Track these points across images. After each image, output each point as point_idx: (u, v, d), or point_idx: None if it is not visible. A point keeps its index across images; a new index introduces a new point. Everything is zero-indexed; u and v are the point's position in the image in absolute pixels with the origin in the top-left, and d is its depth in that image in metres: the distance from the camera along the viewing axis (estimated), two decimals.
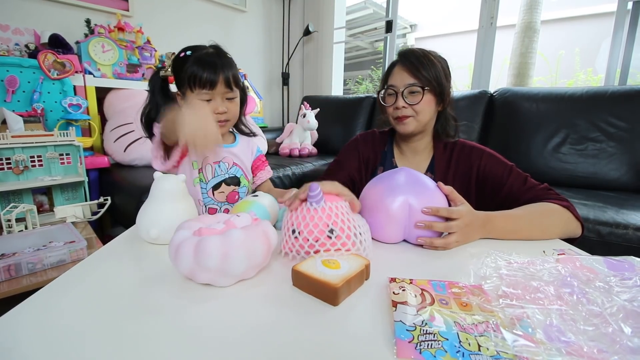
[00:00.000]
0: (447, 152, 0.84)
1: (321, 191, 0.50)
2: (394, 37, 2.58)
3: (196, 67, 0.70)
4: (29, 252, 0.95)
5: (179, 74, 0.73)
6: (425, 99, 0.77)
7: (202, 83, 0.70)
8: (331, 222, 0.49)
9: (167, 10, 2.26)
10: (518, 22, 4.24)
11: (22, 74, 1.48)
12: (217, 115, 0.74)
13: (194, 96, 0.72)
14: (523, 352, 0.29)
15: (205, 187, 0.80)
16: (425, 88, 0.77)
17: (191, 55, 0.71)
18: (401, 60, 0.80)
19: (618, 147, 1.43)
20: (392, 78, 0.81)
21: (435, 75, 0.77)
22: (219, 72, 0.71)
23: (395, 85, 0.79)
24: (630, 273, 0.40)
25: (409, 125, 0.80)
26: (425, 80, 0.77)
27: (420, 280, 0.42)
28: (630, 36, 1.76)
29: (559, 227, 0.65)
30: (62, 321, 0.36)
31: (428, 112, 0.79)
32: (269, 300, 0.40)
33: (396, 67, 0.81)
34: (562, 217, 0.67)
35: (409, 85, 0.77)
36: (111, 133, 1.72)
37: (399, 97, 0.78)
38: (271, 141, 2.42)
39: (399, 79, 0.79)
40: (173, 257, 0.42)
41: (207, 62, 0.71)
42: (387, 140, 0.93)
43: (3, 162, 1.30)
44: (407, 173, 0.59)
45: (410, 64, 0.78)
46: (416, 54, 0.79)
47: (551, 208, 0.67)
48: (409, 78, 0.78)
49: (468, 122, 1.80)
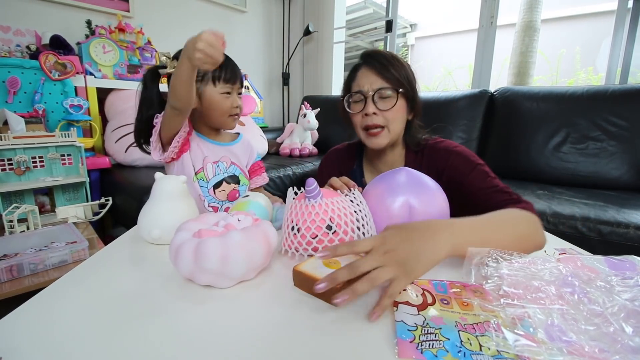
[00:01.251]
0: (418, 158, 0.77)
1: (317, 186, 0.50)
2: (394, 37, 2.58)
3: (220, 65, 0.73)
4: (31, 253, 0.96)
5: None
6: (398, 105, 0.69)
7: (226, 78, 0.78)
8: (328, 217, 0.49)
9: (168, 10, 2.26)
10: (518, 21, 4.24)
11: (24, 75, 1.49)
12: (234, 109, 0.81)
13: (215, 90, 0.78)
14: (524, 351, 0.29)
15: (207, 186, 0.81)
16: (400, 90, 0.69)
17: None
18: (367, 62, 0.71)
19: (619, 146, 1.43)
20: (357, 82, 0.72)
21: (406, 77, 0.70)
22: (237, 70, 0.80)
23: (363, 90, 0.70)
24: (632, 272, 0.40)
25: (382, 139, 0.71)
26: (397, 82, 0.69)
27: (422, 280, 0.42)
28: (630, 35, 1.76)
29: (522, 236, 0.52)
30: (64, 322, 0.36)
31: (400, 122, 0.72)
32: (269, 301, 0.41)
33: (362, 70, 0.72)
34: (527, 228, 0.54)
35: (380, 89, 0.69)
36: (112, 134, 1.72)
37: (369, 103, 0.69)
38: (271, 141, 2.42)
39: (366, 82, 0.70)
40: (173, 259, 0.42)
41: (227, 61, 0.78)
42: (354, 155, 0.85)
43: (5, 163, 1.30)
44: (408, 173, 0.59)
45: (379, 64, 0.69)
46: (383, 54, 0.71)
47: (519, 217, 0.55)
48: (378, 80, 0.69)
49: (468, 121, 1.80)
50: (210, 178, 0.82)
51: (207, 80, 0.77)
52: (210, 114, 0.80)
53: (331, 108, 2.48)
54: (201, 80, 0.77)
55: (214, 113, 0.80)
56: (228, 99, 0.79)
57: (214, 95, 0.78)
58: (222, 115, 0.80)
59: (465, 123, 1.80)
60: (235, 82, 0.80)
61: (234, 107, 0.80)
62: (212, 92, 0.78)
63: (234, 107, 0.80)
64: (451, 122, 1.81)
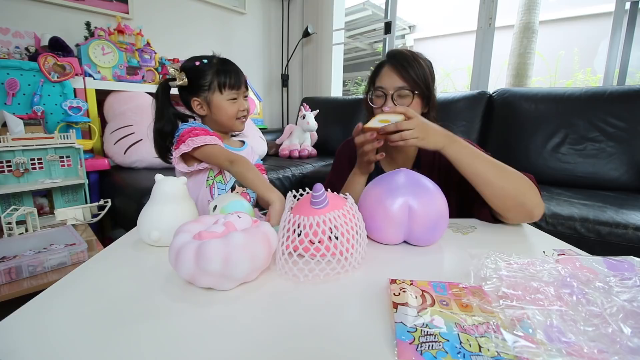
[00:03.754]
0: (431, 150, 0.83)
1: (325, 192, 0.50)
2: (392, 39, 2.59)
3: (224, 73, 0.81)
4: (30, 255, 0.95)
5: (199, 80, 0.81)
6: (413, 104, 0.77)
7: (231, 84, 0.82)
8: (333, 226, 0.48)
9: (167, 12, 2.27)
10: (516, 23, 4.26)
11: (23, 76, 1.49)
12: (242, 112, 0.85)
13: (222, 97, 0.82)
14: (523, 352, 0.29)
15: (225, 188, 0.85)
16: (415, 92, 0.76)
17: (211, 63, 0.81)
18: (390, 61, 0.79)
19: (617, 146, 1.43)
20: (380, 79, 0.80)
21: (424, 79, 0.77)
22: (241, 75, 0.84)
23: (385, 87, 0.78)
24: (630, 273, 0.40)
25: None
26: (415, 84, 0.76)
27: (421, 282, 0.42)
28: (628, 36, 1.77)
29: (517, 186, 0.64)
30: (63, 325, 0.36)
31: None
32: (271, 302, 0.41)
33: (385, 68, 0.80)
34: (524, 184, 0.65)
35: (399, 89, 0.76)
36: (111, 135, 1.72)
37: (388, 100, 0.77)
38: (271, 143, 2.42)
39: (388, 81, 0.78)
40: (173, 261, 0.42)
41: (230, 67, 0.83)
42: None
43: (3, 165, 1.30)
44: (407, 174, 0.59)
45: (400, 66, 0.77)
46: (405, 55, 0.78)
47: (516, 172, 0.66)
48: (398, 80, 0.77)
49: (467, 122, 1.80)
50: (227, 181, 0.86)
51: (214, 88, 0.81)
52: (220, 119, 0.85)
53: (330, 109, 2.49)
54: (208, 89, 0.81)
55: (222, 118, 0.84)
56: (235, 104, 0.83)
57: (222, 102, 0.82)
58: (230, 120, 0.84)
59: (464, 124, 1.81)
60: (240, 87, 0.83)
61: (241, 111, 0.85)
62: (220, 99, 0.82)
63: (241, 110, 0.85)
64: (450, 123, 1.80)
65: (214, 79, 0.81)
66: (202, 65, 0.81)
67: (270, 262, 0.48)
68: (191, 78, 0.81)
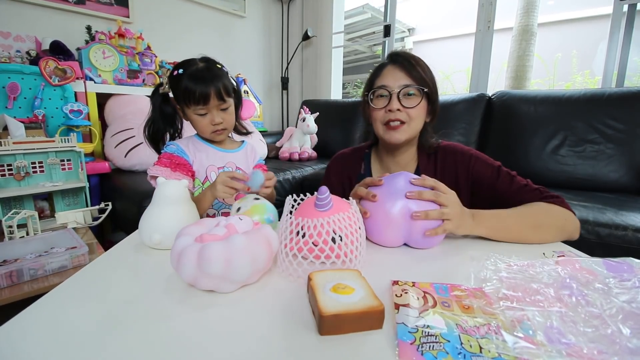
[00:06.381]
0: (432, 160, 0.79)
1: (329, 195, 0.51)
2: (392, 41, 2.60)
3: (189, 85, 0.75)
4: (31, 258, 0.95)
5: (175, 91, 0.79)
6: (421, 104, 0.71)
7: (196, 100, 0.75)
8: (337, 228, 0.48)
9: (167, 16, 2.28)
10: (515, 26, 4.28)
11: (24, 80, 1.49)
12: (214, 126, 0.80)
13: (190, 112, 0.78)
14: (524, 353, 0.30)
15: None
16: (425, 90, 0.70)
17: (183, 73, 0.76)
18: (394, 60, 0.73)
19: (616, 148, 1.44)
20: (383, 78, 0.73)
21: (431, 79, 0.72)
22: (210, 86, 0.75)
23: (388, 86, 0.71)
24: (629, 274, 0.40)
25: (402, 134, 0.72)
26: (423, 81, 0.71)
27: (423, 283, 0.42)
28: (626, 38, 1.78)
29: (554, 227, 0.61)
30: (65, 328, 0.36)
31: (420, 121, 0.74)
32: (272, 304, 0.41)
33: (388, 67, 0.74)
34: (558, 216, 0.62)
35: (405, 86, 0.70)
36: (112, 139, 1.72)
37: (394, 99, 0.70)
38: (271, 145, 2.42)
39: (392, 79, 0.71)
40: (175, 264, 0.42)
41: (198, 78, 0.75)
42: (362, 159, 0.85)
43: (4, 168, 1.30)
44: (407, 178, 0.59)
45: (407, 63, 0.71)
46: (410, 54, 0.74)
47: (545, 208, 0.63)
48: (404, 78, 0.71)
49: (467, 125, 1.81)
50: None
51: (183, 101, 0.79)
52: (196, 130, 0.85)
53: (330, 112, 2.50)
54: (181, 100, 0.79)
55: (197, 130, 0.84)
56: (204, 118, 0.79)
57: (191, 115, 0.80)
58: (204, 133, 0.83)
59: (464, 127, 1.81)
60: (208, 101, 0.76)
61: (212, 125, 0.79)
62: (189, 112, 0.79)
63: (213, 124, 0.79)
64: (449, 125, 1.82)
65: (181, 92, 0.77)
66: (177, 75, 0.77)
67: (272, 264, 0.49)
68: (171, 86, 0.80)
